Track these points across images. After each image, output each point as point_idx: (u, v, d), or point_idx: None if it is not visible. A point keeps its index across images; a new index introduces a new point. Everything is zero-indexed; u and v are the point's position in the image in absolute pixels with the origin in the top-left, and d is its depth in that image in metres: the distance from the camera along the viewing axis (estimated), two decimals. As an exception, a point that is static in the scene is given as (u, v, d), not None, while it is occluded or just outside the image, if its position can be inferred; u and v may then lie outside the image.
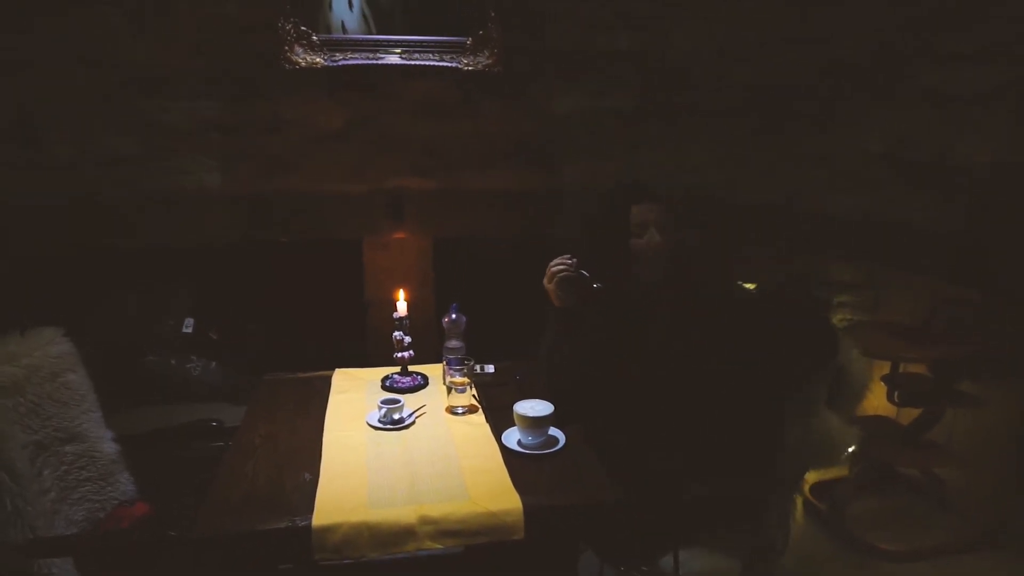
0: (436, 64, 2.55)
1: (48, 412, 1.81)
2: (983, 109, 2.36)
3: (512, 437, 1.77)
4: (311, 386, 2.11)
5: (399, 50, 2.53)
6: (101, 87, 2.44)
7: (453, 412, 1.94)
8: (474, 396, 1.98)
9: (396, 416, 1.86)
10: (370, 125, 2.66)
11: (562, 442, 1.75)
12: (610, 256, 1.93)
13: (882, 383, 2.63)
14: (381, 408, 1.86)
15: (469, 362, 1.97)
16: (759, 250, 3.05)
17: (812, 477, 2.75)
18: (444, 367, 2.03)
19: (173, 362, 2.78)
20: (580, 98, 2.74)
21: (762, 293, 1.92)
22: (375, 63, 2.52)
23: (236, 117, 2.56)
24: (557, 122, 2.76)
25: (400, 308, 2.12)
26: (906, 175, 2.59)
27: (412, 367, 2.16)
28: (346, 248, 2.83)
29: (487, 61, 2.56)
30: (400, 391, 2.06)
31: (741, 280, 3.02)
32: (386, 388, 2.10)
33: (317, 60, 2.47)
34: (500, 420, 1.85)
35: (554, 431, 1.77)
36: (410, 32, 2.53)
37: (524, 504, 1.50)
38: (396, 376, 2.14)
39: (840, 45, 2.62)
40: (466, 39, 2.54)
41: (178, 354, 2.80)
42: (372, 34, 2.52)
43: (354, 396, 2.05)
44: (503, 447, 1.74)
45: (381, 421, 1.85)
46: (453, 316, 2.17)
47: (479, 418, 1.91)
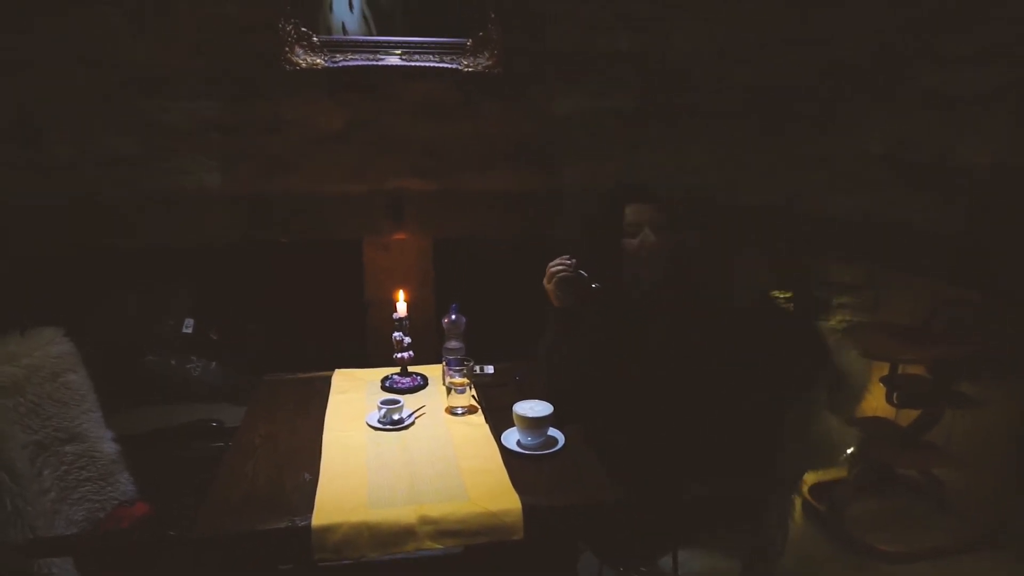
0: (436, 65, 2.55)
1: (48, 412, 1.81)
2: (983, 111, 2.37)
3: (511, 437, 1.77)
4: (311, 386, 2.11)
5: (399, 51, 2.53)
6: (101, 87, 2.44)
7: (453, 413, 1.94)
8: (474, 397, 1.98)
9: (396, 416, 1.86)
10: (370, 126, 2.66)
11: (561, 442, 1.75)
12: (606, 256, 1.93)
13: (881, 384, 2.63)
14: (381, 408, 1.86)
15: (469, 363, 1.97)
16: (759, 251, 3.06)
17: (811, 478, 2.75)
18: (444, 368, 2.03)
19: (173, 362, 2.78)
20: (580, 99, 2.74)
21: (753, 301, 1.92)
22: (375, 64, 2.52)
23: (236, 117, 2.56)
24: (557, 123, 2.76)
25: (400, 309, 2.12)
26: (906, 176, 2.59)
27: (412, 368, 2.16)
28: (346, 248, 2.83)
29: (487, 62, 2.56)
30: (400, 392, 2.06)
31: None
32: (386, 389, 2.10)
33: (317, 61, 2.47)
34: (499, 421, 1.85)
35: (553, 431, 1.77)
36: (410, 33, 2.53)
37: (523, 504, 1.50)
38: (396, 377, 2.14)
39: (840, 46, 2.62)
40: (466, 41, 2.55)
41: (178, 354, 2.80)
42: (372, 35, 2.53)
43: (354, 396, 2.05)
44: (502, 447, 1.74)
45: (381, 421, 1.85)
46: (453, 317, 2.17)
47: (478, 418, 1.91)
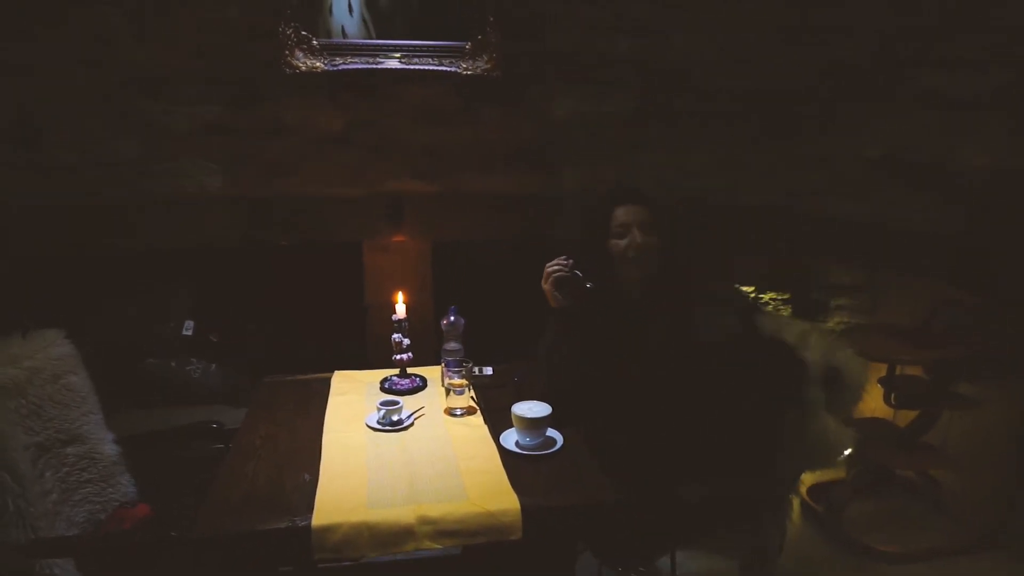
0: (435, 68, 2.56)
1: (49, 414, 1.82)
2: (981, 113, 2.37)
3: (510, 438, 1.77)
4: (310, 388, 2.12)
5: (398, 54, 2.54)
6: (101, 88, 2.45)
7: (452, 414, 1.95)
8: (472, 398, 1.98)
9: (395, 417, 1.86)
10: (370, 128, 2.67)
11: (560, 443, 1.75)
12: (599, 257, 1.95)
13: (879, 385, 2.64)
14: (380, 410, 1.87)
15: (467, 364, 1.97)
16: (758, 252, 3.07)
17: (809, 479, 2.76)
18: (443, 369, 2.04)
19: (173, 364, 2.79)
20: (580, 101, 2.75)
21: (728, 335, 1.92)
22: (375, 67, 2.53)
23: (236, 120, 2.57)
24: (557, 126, 2.76)
25: (399, 311, 2.12)
26: (905, 178, 2.60)
27: (411, 369, 2.17)
28: (346, 250, 2.84)
29: (486, 65, 2.57)
30: (399, 393, 2.07)
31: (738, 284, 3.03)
32: (385, 390, 2.10)
33: (317, 64, 2.48)
34: (498, 421, 1.85)
35: (552, 432, 1.77)
36: (409, 37, 2.54)
37: (522, 504, 1.50)
38: (395, 378, 2.14)
39: (840, 47, 2.63)
40: (465, 44, 2.55)
41: (178, 356, 2.80)
42: (372, 38, 2.54)
43: (353, 398, 2.05)
44: (501, 448, 1.74)
45: (380, 422, 1.86)
46: (452, 318, 2.18)
47: (477, 419, 1.92)
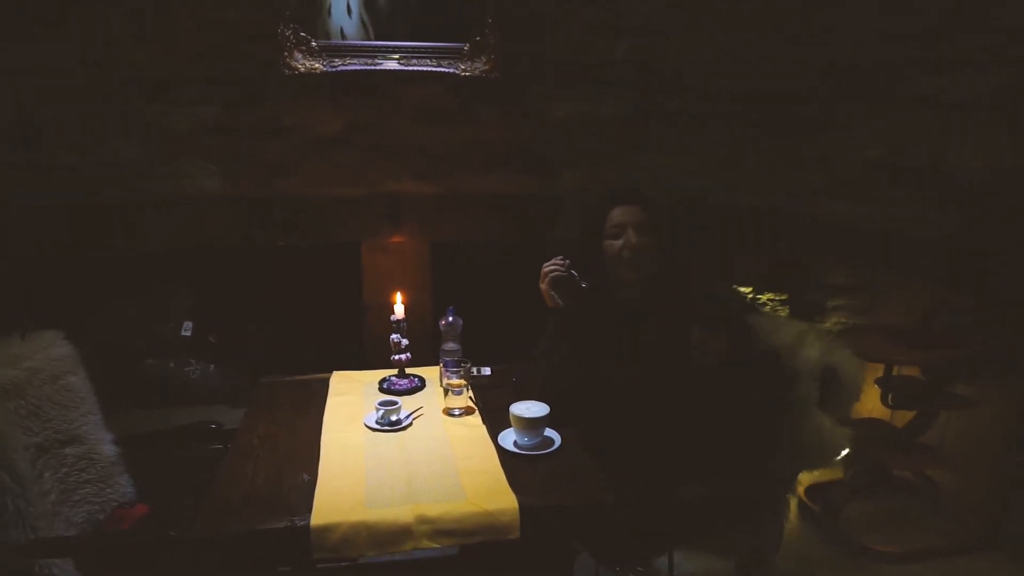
0: (434, 70, 2.57)
1: (49, 414, 1.82)
2: (981, 114, 2.38)
3: (508, 438, 1.78)
4: (309, 388, 2.12)
5: (397, 56, 2.55)
6: (101, 88, 2.45)
7: (450, 414, 1.95)
8: (471, 398, 1.99)
9: (393, 417, 1.87)
10: (369, 129, 2.68)
11: (558, 443, 1.76)
12: (595, 257, 1.95)
13: (876, 386, 2.65)
14: (379, 410, 1.87)
15: (466, 364, 1.98)
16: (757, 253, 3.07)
17: (807, 479, 2.77)
18: (441, 369, 2.05)
19: (172, 365, 2.79)
20: (579, 102, 2.75)
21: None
22: (373, 68, 2.54)
23: (236, 120, 2.58)
24: (556, 126, 2.77)
25: (397, 311, 2.13)
26: (903, 180, 2.61)
27: (409, 369, 2.17)
28: (345, 250, 2.85)
29: (484, 67, 2.57)
30: (397, 393, 2.07)
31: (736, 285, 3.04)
32: (383, 390, 2.10)
33: (316, 65, 2.48)
34: (496, 421, 1.86)
35: (550, 432, 1.78)
36: (408, 38, 2.55)
37: (520, 504, 1.51)
38: (393, 378, 2.15)
39: (839, 47, 2.63)
40: (463, 45, 2.56)
41: (177, 357, 2.81)
42: (370, 40, 2.54)
43: (352, 398, 2.05)
44: (499, 448, 1.75)
45: (379, 422, 1.86)
46: (450, 319, 2.18)
47: (475, 419, 1.92)
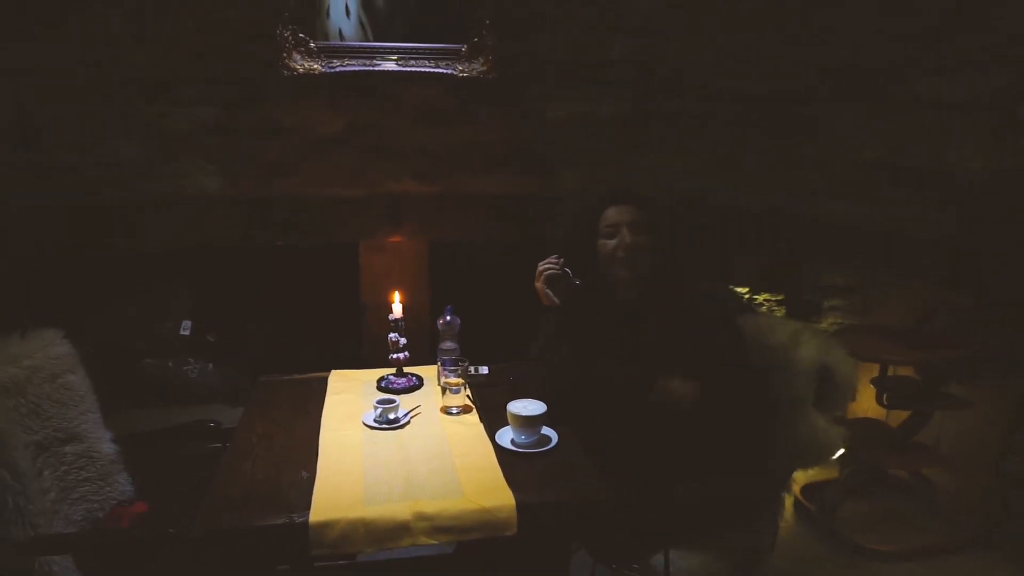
0: (432, 71, 2.58)
1: (48, 413, 1.83)
2: (980, 115, 2.38)
3: (505, 436, 1.78)
4: (308, 387, 2.13)
5: (395, 57, 2.56)
6: (101, 88, 2.46)
7: (448, 412, 1.96)
8: (468, 397, 2.00)
9: (391, 416, 1.87)
10: (368, 130, 2.69)
11: (555, 441, 1.77)
12: (586, 256, 1.97)
13: (871, 385, 2.66)
14: (377, 408, 1.88)
15: (463, 363, 1.99)
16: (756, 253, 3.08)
17: (802, 479, 2.78)
18: (439, 368, 2.06)
19: (170, 364, 2.80)
20: (578, 103, 2.76)
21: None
22: (372, 69, 2.55)
23: (236, 120, 2.59)
24: (555, 127, 2.78)
25: (396, 310, 2.14)
26: (901, 180, 2.62)
27: (407, 368, 2.18)
28: (344, 250, 2.86)
29: (482, 68, 2.58)
30: (395, 392, 2.08)
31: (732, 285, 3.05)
32: (382, 389, 2.11)
33: (315, 66, 2.50)
34: (494, 420, 1.87)
35: (547, 430, 1.79)
36: (406, 39, 2.56)
37: (517, 500, 1.51)
38: (391, 377, 2.16)
39: (840, 48, 2.63)
40: (461, 46, 2.57)
41: (176, 357, 2.81)
42: (369, 41, 2.55)
43: (350, 397, 2.06)
44: (497, 446, 1.76)
45: (377, 421, 1.87)
46: (448, 318, 2.19)
47: (473, 418, 1.93)
